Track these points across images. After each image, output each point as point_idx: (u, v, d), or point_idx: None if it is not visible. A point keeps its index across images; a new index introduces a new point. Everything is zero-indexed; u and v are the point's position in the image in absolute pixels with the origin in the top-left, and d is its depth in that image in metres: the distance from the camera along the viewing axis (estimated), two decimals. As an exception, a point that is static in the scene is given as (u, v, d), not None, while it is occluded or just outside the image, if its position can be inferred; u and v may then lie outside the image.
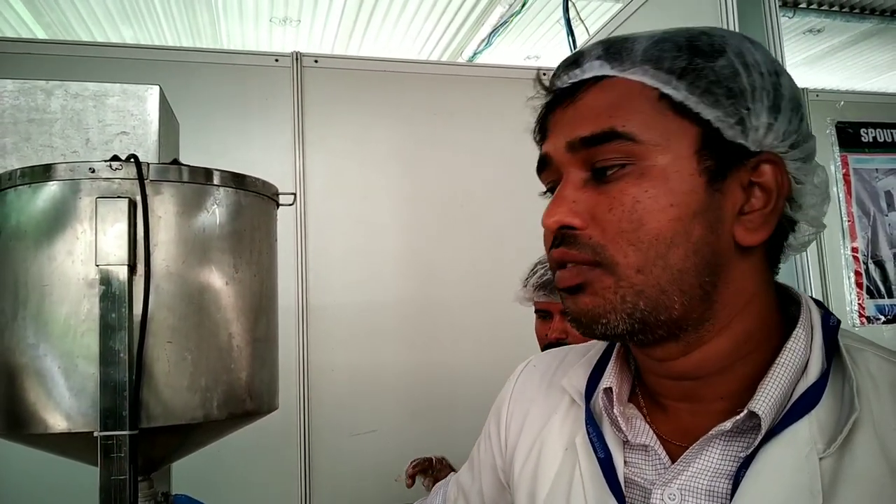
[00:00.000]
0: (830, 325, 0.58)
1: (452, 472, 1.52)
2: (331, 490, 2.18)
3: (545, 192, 0.63)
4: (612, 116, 0.55)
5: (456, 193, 2.41)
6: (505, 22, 3.50)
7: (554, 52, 4.21)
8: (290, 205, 1.36)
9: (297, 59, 2.33)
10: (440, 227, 2.39)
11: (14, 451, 1.19)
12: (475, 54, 3.92)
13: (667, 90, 0.55)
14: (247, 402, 1.17)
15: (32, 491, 1.91)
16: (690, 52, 0.56)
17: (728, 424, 0.54)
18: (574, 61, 0.60)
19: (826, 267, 2.77)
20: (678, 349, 0.57)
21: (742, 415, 0.54)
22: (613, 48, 0.57)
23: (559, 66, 0.61)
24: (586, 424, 0.64)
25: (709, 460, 0.56)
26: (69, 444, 1.07)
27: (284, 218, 1.38)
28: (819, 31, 3.94)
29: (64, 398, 1.03)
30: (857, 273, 2.81)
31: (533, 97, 0.63)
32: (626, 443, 0.61)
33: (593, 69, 0.58)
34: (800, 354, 0.55)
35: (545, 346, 1.55)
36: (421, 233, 2.37)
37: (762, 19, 1.72)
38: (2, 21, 3.65)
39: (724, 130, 0.55)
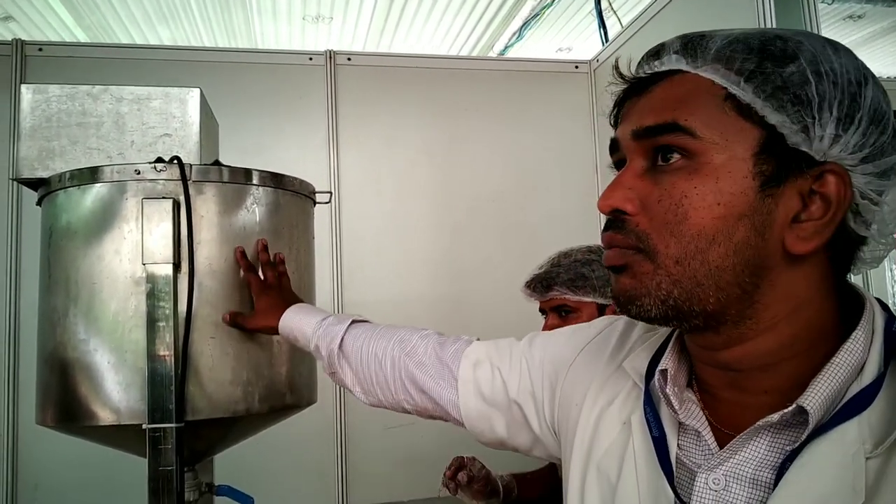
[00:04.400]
0: (893, 329, 0.57)
1: (485, 469, 1.53)
2: (366, 481, 2.22)
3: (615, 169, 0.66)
4: (677, 110, 0.57)
5: (488, 189, 2.42)
6: (536, 14, 3.49)
7: (586, 45, 4.17)
8: (327, 203, 1.39)
9: (330, 57, 2.35)
10: (472, 222, 2.40)
11: (63, 441, 1.24)
12: (506, 48, 3.91)
13: (734, 90, 0.55)
14: (287, 396, 1.20)
15: (81, 480, 1.98)
16: (761, 55, 0.56)
17: (776, 417, 0.55)
18: (655, 53, 0.61)
19: (867, 259, 2.71)
20: (720, 341, 0.59)
21: (790, 409, 0.54)
22: (690, 44, 0.58)
23: (642, 57, 0.63)
24: (644, 404, 0.66)
25: (756, 450, 0.57)
26: (118, 436, 1.11)
27: (319, 214, 1.40)
28: (860, 16, 3.83)
29: (113, 392, 1.07)
30: (900, 265, 2.74)
31: (611, 83, 0.64)
32: (680, 425, 0.63)
33: (670, 62, 0.59)
34: (857, 356, 0.55)
35: None
36: (453, 228, 2.39)
37: (800, 6, 1.69)
38: (45, 25, 3.76)
39: (788, 137, 0.55)
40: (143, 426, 1.03)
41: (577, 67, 2.56)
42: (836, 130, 0.54)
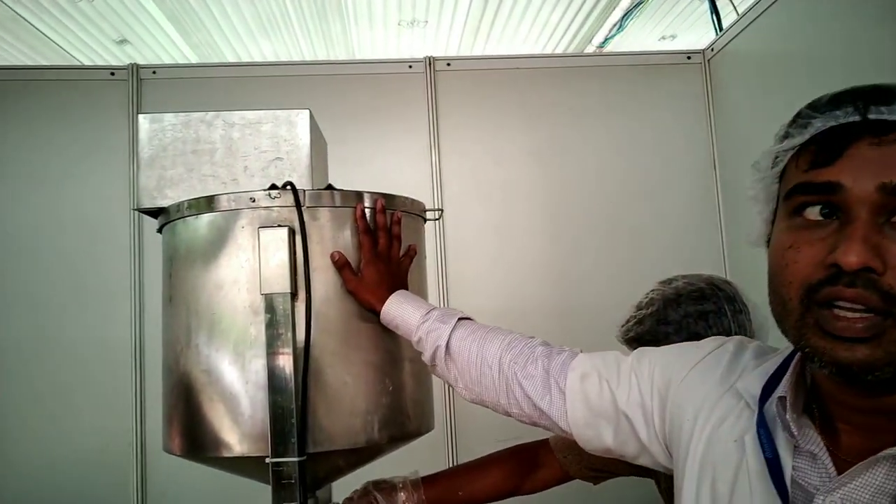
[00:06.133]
0: None
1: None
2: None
3: (794, 212, 0.62)
4: None
5: (596, 191, 2.31)
6: (640, 3, 3.32)
7: (691, 31, 3.96)
8: (437, 219, 1.34)
9: (429, 63, 2.32)
10: (579, 227, 2.30)
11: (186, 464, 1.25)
12: (606, 40, 3.76)
13: None
14: (405, 424, 1.17)
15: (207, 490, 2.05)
16: None
17: None
18: (882, 98, 0.59)
19: None
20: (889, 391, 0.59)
21: None
22: None
23: (854, 93, 0.61)
24: (757, 426, 0.68)
25: (874, 477, 0.59)
26: (242, 466, 1.11)
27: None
28: None
29: (236, 423, 1.07)
30: None
31: (806, 116, 0.63)
32: (795, 448, 0.65)
33: None
34: None
35: None
36: (560, 234, 2.30)
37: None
38: (157, 45, 3.95)
39: None
40: (267, 460, 1.02)
41: (689, 58, 2.40)
42: None
